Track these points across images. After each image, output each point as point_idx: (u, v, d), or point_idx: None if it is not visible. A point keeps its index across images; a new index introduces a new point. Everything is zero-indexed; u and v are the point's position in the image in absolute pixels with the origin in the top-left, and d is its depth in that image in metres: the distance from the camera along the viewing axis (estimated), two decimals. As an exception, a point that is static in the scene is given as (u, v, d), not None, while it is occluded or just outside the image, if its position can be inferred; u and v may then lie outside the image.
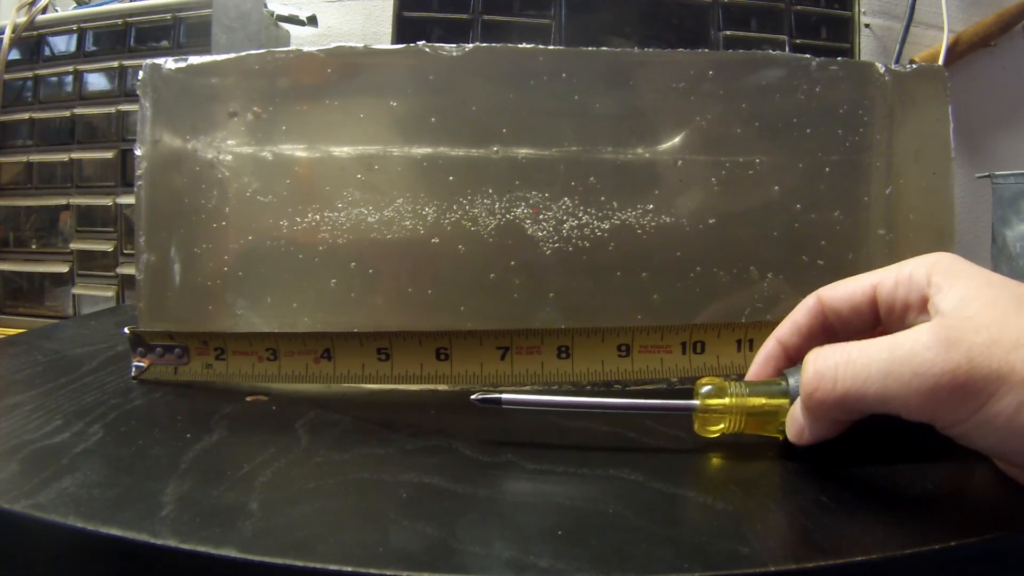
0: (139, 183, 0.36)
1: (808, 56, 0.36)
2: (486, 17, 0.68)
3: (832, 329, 0.27)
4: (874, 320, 0.27)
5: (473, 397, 0.28)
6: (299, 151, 0.36)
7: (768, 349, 0.28)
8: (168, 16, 0.71)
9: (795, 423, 0.26)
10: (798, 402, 0.25)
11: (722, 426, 0.27)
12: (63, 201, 0.74)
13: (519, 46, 0.36)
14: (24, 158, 0.75)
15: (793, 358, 0.28)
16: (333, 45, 0.36)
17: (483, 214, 0.35)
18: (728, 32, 0.69)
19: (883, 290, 0.26)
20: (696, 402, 0.27)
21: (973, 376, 0.20)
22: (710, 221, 0.36)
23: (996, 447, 0.21)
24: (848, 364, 0.23)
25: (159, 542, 0.20)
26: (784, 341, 0.28)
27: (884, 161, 0.37)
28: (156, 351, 0.35)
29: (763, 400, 0.27)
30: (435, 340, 0.33)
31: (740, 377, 0.28)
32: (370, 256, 0.35)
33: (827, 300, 0.27)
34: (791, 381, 0.26)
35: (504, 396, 0.27)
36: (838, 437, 0.25)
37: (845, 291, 0.27)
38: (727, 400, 0.27)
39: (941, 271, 0.24)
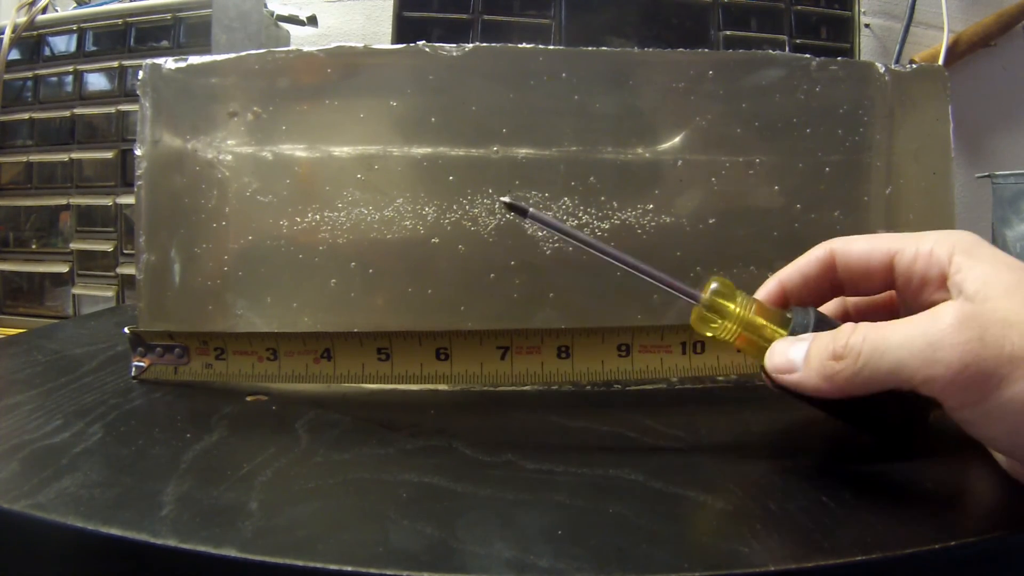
0: (139, 183, 0.36)
1: (808, 56, 0.36)
2: (486, 17, 0.68)
3: (839, 283, 0.27)
4: (885, 285, 0.27)
5: (501, 199, 0.27)
6: (299, 151, 0.36)
7: (768, 289, 0.28)
8: (168, 16, 0.71)
9: (786, 359, 0.24)
10: (794, 339, 0.25)
11: (716, 329, 0.26)
12: (63, 201, 0.74)
13: (519, 46, 0.35)
14: (24, 158, 0.75)
15: (791, 303, 0.28)
16: (333, 45, 0.36)
17: (483, 214, 0.35)
18: (728, 32, 0.69)
19: (902, 261, 0.25)
20: (702, 294, 0.26)
21: (984, 355, 0.20)
22: (710, 221, 0.36)
23: (1003, 438, 0.21)
24: (872, 336, 0.22)
25: (159, 542, 0.20)
26: (787, 285, 0.28)
27: (884, 161, 0.37)
28: (156, 351, 0.35)
29: (764, 322, 0.26)
30: (435, 340, 0.33)
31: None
32: (370, 256, 0.35)
33: (840, 255, 0.27)
34: (798, 318, 0.26)
35: (531, 210, 0.26)
36: (837, 436, 0.25)
37: (860, 252, 0.26)
38: (732, 305, 0.26)
39: (963, 251, 0.24)
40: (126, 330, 0.35)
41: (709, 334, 0.27)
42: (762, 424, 0.27)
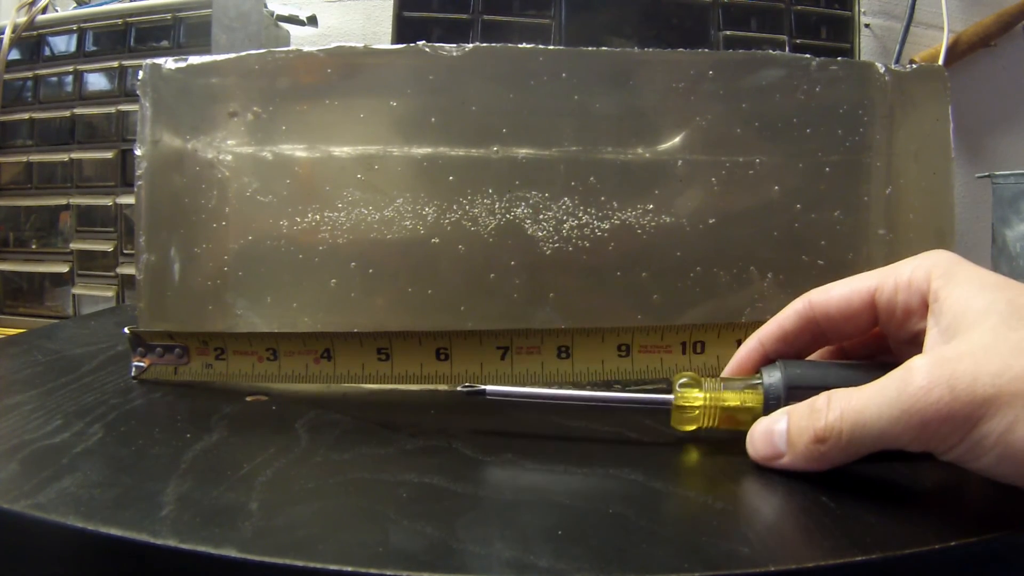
0: (139, 183, 0.36)
1: (808, 56, 0.36)
2: (486, 17, 0.68)
3: (821, 333, 0.27)
4: (869, 324, 0.26)
5: (460, 388, 0.29)
6: (299, 151, 0.36)
7: (748, 349, 0.28)
8: (168, 16, 0.71)
9: (770, 446, 0.25)
10: (772, 421, 0.25)
11: (695, 425, 0.27)
12: (63, 201, 0.74)
13: (519, 46, 0.35)
14: (24, 158, 0.75)
15: (772, 361, 0.28)
16: (333, 45, 0.36)
17: (483, 214, 0.35)
18: (728, 32, 0.69)
19: (883, 296, 0.25)
20: (671, 396, 0.27)
21: (955, 406, 0.20)
22: (710, 221, 0.36)
23: (991, 469, 0.21)
24: (848, 412, 0.23)
25: (159, 542, 0.20)
26: (767, 344, 0.28)
27: (884, 161, 0.37)
28: (156, 351, 0.35)
29: (738, 400, 0.27)
30: (435, 340, 0.33)
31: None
32: (370, 256, 0.35)
33: (819, 305, 0.27)
34: (766, 380, 0.26)
35: (488, 388, 0.28)
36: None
37: (840, 297, 0.26)
38: (700, 397, 0.27)
39: (940, 274, 0.24)
40: (126, 330, 0.35)
41: (692, 427, 0.27)
42: (762, 424, 0.27)
